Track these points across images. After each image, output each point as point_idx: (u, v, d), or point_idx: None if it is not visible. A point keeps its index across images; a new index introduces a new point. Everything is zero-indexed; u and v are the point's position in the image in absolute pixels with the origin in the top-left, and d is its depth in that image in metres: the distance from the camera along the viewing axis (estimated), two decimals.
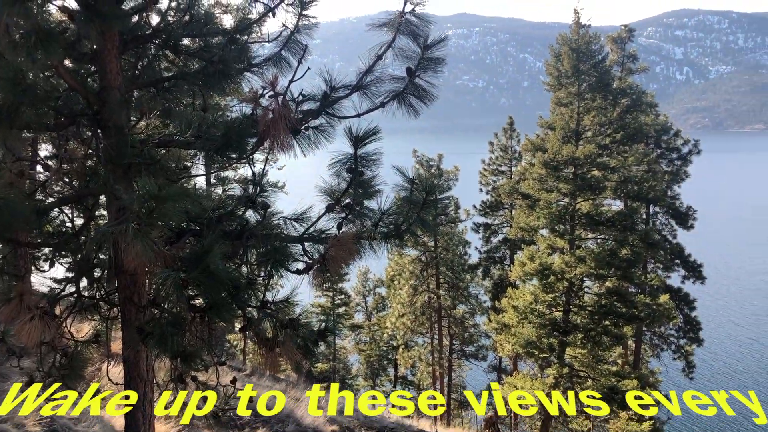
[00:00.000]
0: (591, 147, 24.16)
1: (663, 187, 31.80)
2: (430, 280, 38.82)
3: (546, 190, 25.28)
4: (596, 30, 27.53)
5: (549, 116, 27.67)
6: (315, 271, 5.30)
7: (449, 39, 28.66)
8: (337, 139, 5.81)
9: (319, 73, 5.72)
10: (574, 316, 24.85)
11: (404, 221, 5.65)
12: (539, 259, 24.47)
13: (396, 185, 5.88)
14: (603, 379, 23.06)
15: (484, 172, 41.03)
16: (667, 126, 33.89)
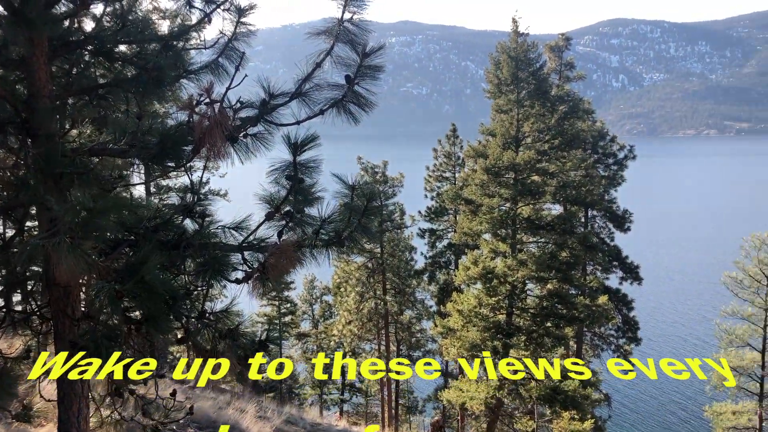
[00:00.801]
0: (530, 153, 24.70)
1: (600, 192, 32.76)
2: (376, 287, 38.87)
3: (488, 196, 25.69)
4: (534, 38, 28.22)
5: (490, 123, 28.18)
6: (255, 280, 5.26)
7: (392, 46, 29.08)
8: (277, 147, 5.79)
9: (261, 80, 5.70)
10: (517, 319, 25.30)
11: (346, 228, 5.66)
12: (483, 264, 24.84)
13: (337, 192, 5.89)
14: (546, 380, 23.53)
15: (429, 178, 41.40)
16: (604, 132, 34.97)
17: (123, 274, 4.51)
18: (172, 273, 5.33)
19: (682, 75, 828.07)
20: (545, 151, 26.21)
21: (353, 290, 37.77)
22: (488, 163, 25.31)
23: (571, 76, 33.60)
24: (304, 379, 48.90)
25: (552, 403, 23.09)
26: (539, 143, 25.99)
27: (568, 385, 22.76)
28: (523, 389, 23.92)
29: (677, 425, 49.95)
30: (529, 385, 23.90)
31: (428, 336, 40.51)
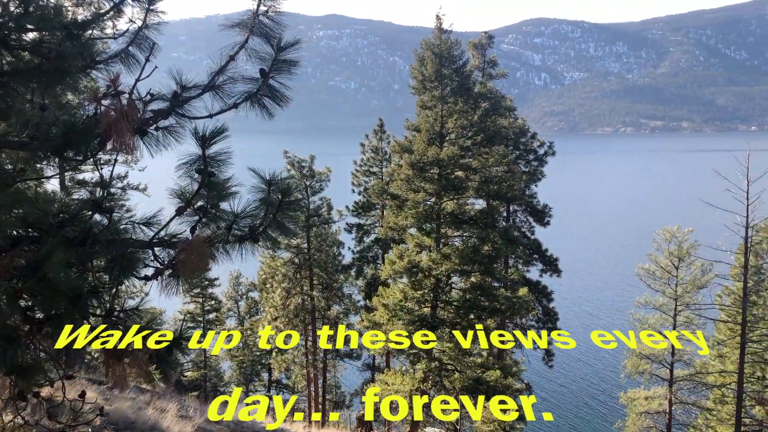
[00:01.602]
0: (454, 149, 25.11)
1: (521, 187, 33.62)
2: (303, 282, 38.65)
3: (413, 191, 25.96)
4: (460, 36, 28.65)
5: (415, 119, 28.45)
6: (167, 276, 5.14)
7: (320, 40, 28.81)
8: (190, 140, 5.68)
9: (173, 71, 5.56)
10: (442, 312, 25.72)
11: (261, 224, 5.61)
12: (408, 258, 25.10)
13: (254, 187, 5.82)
14: (469, 371, 24.05)
15: (356, 173, 41.46)
16: (525, 129, 35.90)
17: (24, 272, 4.33)
18: (78, 270, 5.15)
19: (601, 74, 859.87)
20: (468, 147, 26.70)
21: (279, 286, 37.44)
22: (413, 158, 25.56)
23: (494, 73, 34.32)
24: (229, 377, 48.17)
25: (475, 393, 23.61)
26: (462, 139, 26.45)
27: (490, 375, 23.31)
28: (447, 380, 24.36)
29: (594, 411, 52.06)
30: (452, 377, 24.34)
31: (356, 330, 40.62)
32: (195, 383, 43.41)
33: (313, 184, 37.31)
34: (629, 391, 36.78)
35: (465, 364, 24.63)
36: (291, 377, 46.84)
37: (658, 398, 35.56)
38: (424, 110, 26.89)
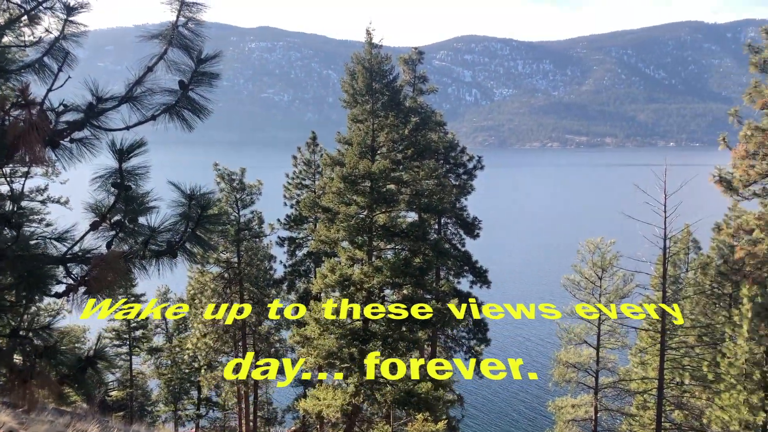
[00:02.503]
0: (385, 162, 25.27)
1: (452, 200, 34.15)
2: (233, 297, 37.99)
3: (345, 204, 25.96)
4: (392, 51, 28.96)
5: (347, 132, 28.52)
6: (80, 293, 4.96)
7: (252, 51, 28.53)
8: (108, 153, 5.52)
9: (110, 80, 5.43)
10: (374, 325, 25.73)
11: (181, 238, 5.50)
12: (340, 271, 25.03)
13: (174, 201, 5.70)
14: (401, 383, 24.11)
15: (288, 186, 41.10)
16: (455, 143, 36.50)
17: None
18: None
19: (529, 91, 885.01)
20: (399, 161, 26.95)
21: (209, 302, 36.63)
22: (345, 171, 25.59)
23: (425, 88, 34.80)
24: (157, 396, 46.73)
25: (407, 406, 23.69)
26: (394, 153, 26.69)
27: (421, 387, 23.45)
28: (379, 394, 24.36)
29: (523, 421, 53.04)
30: (384, 390, 24.36)
31: (287, 346, 40.15)
32: (121, 403, 41.90)
33: (243, 197, 36.83)
34: (557, 400, 37.71)
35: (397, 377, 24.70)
36: (221, 394, 45.82)
37: (584, 405, 36.59)
38: (356, 124, 27.00)
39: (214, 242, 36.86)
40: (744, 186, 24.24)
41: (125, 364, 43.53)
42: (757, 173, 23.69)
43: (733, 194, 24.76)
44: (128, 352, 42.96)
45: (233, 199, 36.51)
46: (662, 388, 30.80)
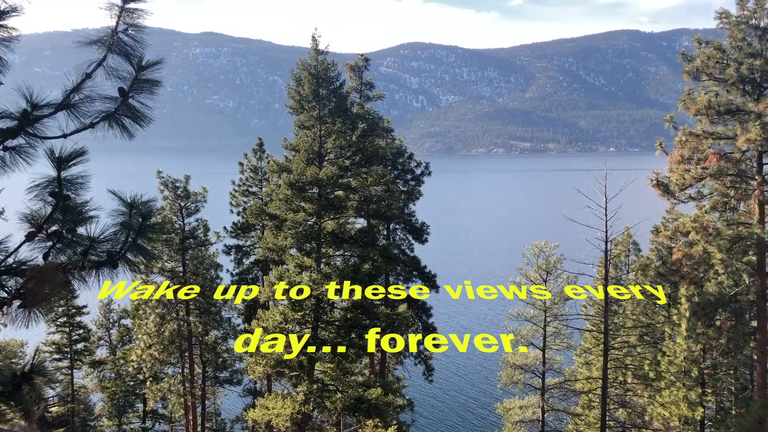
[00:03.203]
0: (333, 168, 25.24)
1: (400, 206, 34.33)
2: (179, 307, 37.25)
3: (293, 211, 25.79)
4: (338, 57, 28.97)
5: (294, 139, 28.37)
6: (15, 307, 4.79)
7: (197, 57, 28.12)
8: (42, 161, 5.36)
9: (48, 86, 5.25)
10: (323, 332, 25.61)
11: (121, 248, 5.37)
12: (288, 279, 24.84)
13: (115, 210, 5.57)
14: (350, 390, 24.06)
15: (235, 193, 40.61)
16: (403, 149, 36.72)
17: None
18: None
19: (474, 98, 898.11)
20: (347, 167, 26.94)
21: (153, 312, 35.83)
22: (292, 178, 25.42)
23: (372, 95, 34.93)
24: (100, 410, 45.39)
25: (357, 413, 23.65)
26: (341, 159, 26.66)
27: (371, 393, 23.44)
28: (329, 401, 24.24)
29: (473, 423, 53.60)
30: (334, 397, 24.27)
31: (235, 356, 39.58)
32: (62, 419, 40.52)
33: (188, 204, 36.20)
34: (505, 402, 38.22)
35: (347, 384, 24.64)
36: (168, 406, 44.81)
37: (531, 406, 37.18)
38: (303, 130, 26.88)
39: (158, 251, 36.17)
40: (680, 190, 25.11)
41: (66, 378, 42.16)
42: (692, 177, 24.58)
43: (670, 198, 25.61)
44: (69, 365, 41.62)
45: (177, 207, 35.85)
46: (606, 388, 31.58)
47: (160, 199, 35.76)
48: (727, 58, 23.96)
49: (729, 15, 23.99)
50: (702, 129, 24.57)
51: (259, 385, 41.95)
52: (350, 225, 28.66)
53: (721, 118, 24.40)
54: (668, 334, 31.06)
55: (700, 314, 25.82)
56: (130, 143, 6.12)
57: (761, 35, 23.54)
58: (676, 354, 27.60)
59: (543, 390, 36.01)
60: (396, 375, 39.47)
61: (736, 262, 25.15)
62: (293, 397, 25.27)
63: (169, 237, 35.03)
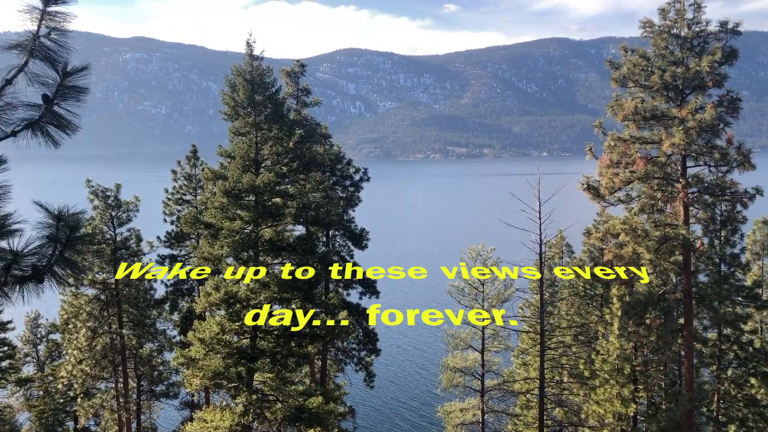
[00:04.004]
0: (270, 175, 24.94)
1: (339, 212, 34.23)
2: (111, 320, 36.13)
3: (229, 219, 25.34)
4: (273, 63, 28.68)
5: (229, 145, 27.91)
6: None
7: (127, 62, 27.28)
8: None
9: None
10: (261, 342, 25.23)
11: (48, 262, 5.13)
12: (225, 288, 24.38)
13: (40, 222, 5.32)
14: (291, 400, 23.78)
15: (168, 201, 39.66)
16: (341, 155, 36.66)
17: None
18: None
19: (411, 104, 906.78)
20: (285, 174, 26.67)
21: (84, 326, 34.60)
22: (228, 185, 24.98)
23: (308, 101, 34.74)
24: (27, 430, 43.39)
25: (298, 422, 23.38)
26: (279, 166, 26.36)
27: (312, 402, 23.23)
28: (269, 412, 23.89)
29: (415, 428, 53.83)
30: (274, 407, 23.93)
31: (171, 368, 38.58)
32: None
33: (119, 214, 35.22)
34: (445, 405, 38.56)
35: (287, 394, 24.34)
36: (101, 423, 43.24)
37: (471, 409, 37.64)
38: (238, 136, 26.47)
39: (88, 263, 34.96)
40: (610, 193, 25.94)
41: None
42: (620, 181, 25.43)
43: (600, 201, 26.42)
44: None
45: (108, 217, 34.79)
46: (543, 387, 32.27)
47: (90, 209, 34.66)
48: (651, 66, 24.93)
49: (652, 24, 24.98)
50: (629, 134, 25.48)
51: (197, 397, 41.01)
52: (288, 232, 28.37)
53: (647, 124, 25.36)
54: (601, 333, 32.02)
55: (631, 313, 26.70)
56: (58, 151, 5.88)
57: (682, 44, 24.60)
58: (609, 352, 28.46)
59: (482, 392, 36.50)
60: (337, 382, 39.25)
61: (663, 262, 26.14)
62: (232, 408, 24.77)
63: (100, 248, 33.96)
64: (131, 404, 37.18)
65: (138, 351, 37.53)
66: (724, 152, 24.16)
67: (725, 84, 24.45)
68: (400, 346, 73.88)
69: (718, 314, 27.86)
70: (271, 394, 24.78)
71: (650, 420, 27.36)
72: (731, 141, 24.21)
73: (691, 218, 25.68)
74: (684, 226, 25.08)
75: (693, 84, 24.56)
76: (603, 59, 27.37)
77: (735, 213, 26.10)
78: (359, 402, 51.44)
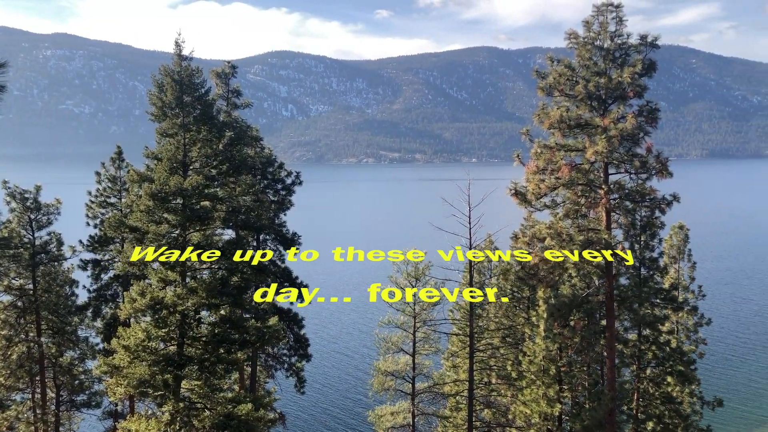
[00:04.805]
0: (199, 178, 24.41)
1: (270, 216, 33.85)
2: (28, 328, 34.56)
3: (155, 222, 24.64)
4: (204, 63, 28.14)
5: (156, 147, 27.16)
6: None
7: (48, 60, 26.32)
8: None
9: None
10: (189, 349, 24.63)
11: None
12: (150, 294, 23.68)
13: None
14: (219, 407, 23.31)
15: (92, 204, 38.22)
16: (272, 158, 36.30)
17: None
18: None
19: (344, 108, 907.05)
20: (214, 177, 26.16)
21: None
22: (154, 188, 24.28)
23: (239, 103, 34.26)
24: None
25: (227, 430, 22.92)
26: (208, 168, 25.84)
27: (241, 409, 22.84)
28: (196, 420, 23.34)
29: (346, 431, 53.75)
30: (202, 415, 23.39)
31: (93, 377, 37.18)
32: None
33: (39, 217, 33.82)
34: (376, 409, 38.61)
35: (215, 401, 23.84)
36: None
37: (402, 412, 37.82)
38: (166, 138, 25.76)
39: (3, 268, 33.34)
40: (536, 198, 26.68)
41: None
42: (546, 187, 26.21)
43: (527, 206, 27.15)
44: None
45: (27, 220, 33.32)
46: (472, 389, 32.82)
47: (7, 211, 33.13)
48: (576, 76, 25.81)
49: (577, 36, 25.88)
50: (555, 142, 26.29)
51: (121, 407, 39.63)
52: (217, 236, 27.81)
53: (572, 132, 26.24)
54: (528, 335, 32.79)
55: (557, 315, 27.51)
56: None
57: (605, 55, 25.59)
58: (535, 354, 29.19)
59: (413, 395, 36.76)
60: (267, 389, 38.75)
61: (587, 266, 27.07)
62: (158, 417, 24.06)
63: (17, 252, 32.46)
64: (49, 415, 35.60)
65: (58, 360, 36.01)
66: (643, 160, 25.26)
67: (645, 95, 25.59)
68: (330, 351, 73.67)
69: (638, 316, 29.05)
70: (199, 401, 24.21)
71: (574, 419, 28.22)
72: (650, 149, 25.34)
73: (612, 223, 26.71)
74: (606, 231, 26.05)
75: (615, 94, 25.57)
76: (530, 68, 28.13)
77: (654, 218, 27.29)
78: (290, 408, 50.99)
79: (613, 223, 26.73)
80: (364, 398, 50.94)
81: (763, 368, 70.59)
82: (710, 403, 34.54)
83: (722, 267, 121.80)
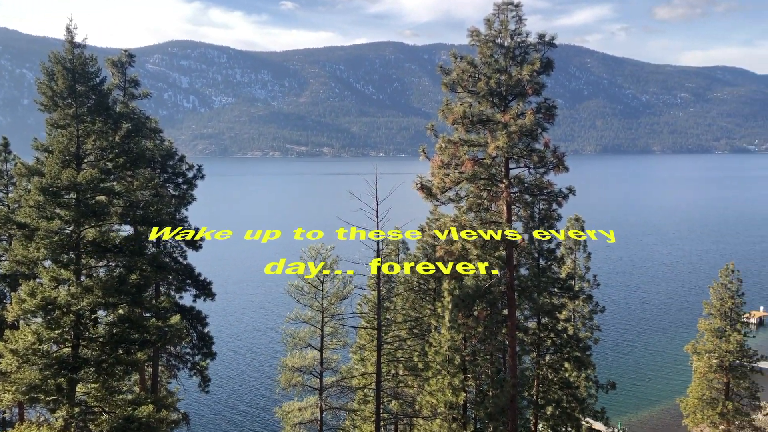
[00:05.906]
0: (94, 171, 23.25)
1: (171, 211, 32.71)
2: None
3: (46, 218, 23.27)
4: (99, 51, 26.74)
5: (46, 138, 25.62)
6: None
7: None
8: None
9: None
10: (85, 350, 23.46)
11: None
12: (41, 294, 22.34)
13: None
14: (118, 410, 22.34)
15: None
16: (173, 151, 35.08)
17: None
18: None
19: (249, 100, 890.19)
20: (110, 170, 24.97)
21: None
22: (45, 182, 22.91)
23: (137, 93, 32.89)
24: None
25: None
26: (103, 161, 24.62)
27: (142, 411, 21.98)
28: (93, 424, 22.27)
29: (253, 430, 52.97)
30: (99, 419, 22.35)
31: None
32: None
33: None
34: (284, 405, 38.21)
35: (113, 404, 22.83)
36: None
37: (310, 407, 37.60)
38: (57, 129, 24.35)
39: None
40: (441, 192, 27.20)
41: None
42: (451, 181, 26.74)
43: (432, 200, 27.63)
44: None
45: None
46: (380, 381, 33.08)
47: None
48: (478, 73, 26.44)
49: (479, 33, 26.49)
50: (459, 137, 26.84)
51: (9, 414, 37.29)
52: (114, 233, 26.58)
53: (475, 127, 26.87)
54: (434, 326, 33.43)
55: (461, 306, 28.16)
56: None
57: (506, 53, 26.35)
58: (441, 344, 29.78)
59: (321, 390, 36.63)
60: (169, 389, 37.54)
61: (489, 257, 27.85)
62: (51, 423, 22.78)
63: None
64: None
65: None
66: (541, 155, 26.24)
67: (543, 92, 26.57)
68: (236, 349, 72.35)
69: (537, 305, 30.21)
70: (96, 405, 23.11)
71: (478, 407, 29.04)
72: (548, 145, 26.36)
73: (513, 216, 27.60)
74: (507, 224, 26.89)
75: (515, 91, 26.40)
76: (435, 64, 28.55)
77: (551, 211, 28.39)
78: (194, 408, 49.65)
79: (513, 216, 27.61)
80: (271, 395, 50.36)
81: (650, 353, 75.40)
82: (604, 387, 36.48)
83: (614, 257, 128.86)
